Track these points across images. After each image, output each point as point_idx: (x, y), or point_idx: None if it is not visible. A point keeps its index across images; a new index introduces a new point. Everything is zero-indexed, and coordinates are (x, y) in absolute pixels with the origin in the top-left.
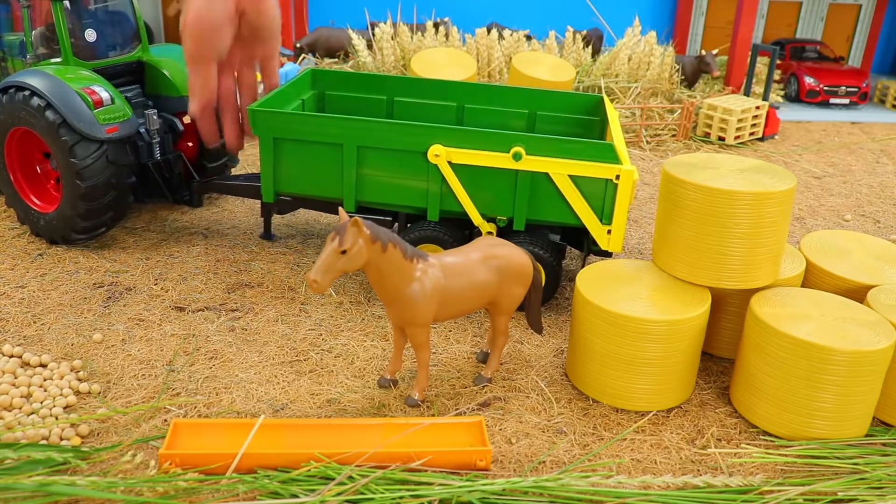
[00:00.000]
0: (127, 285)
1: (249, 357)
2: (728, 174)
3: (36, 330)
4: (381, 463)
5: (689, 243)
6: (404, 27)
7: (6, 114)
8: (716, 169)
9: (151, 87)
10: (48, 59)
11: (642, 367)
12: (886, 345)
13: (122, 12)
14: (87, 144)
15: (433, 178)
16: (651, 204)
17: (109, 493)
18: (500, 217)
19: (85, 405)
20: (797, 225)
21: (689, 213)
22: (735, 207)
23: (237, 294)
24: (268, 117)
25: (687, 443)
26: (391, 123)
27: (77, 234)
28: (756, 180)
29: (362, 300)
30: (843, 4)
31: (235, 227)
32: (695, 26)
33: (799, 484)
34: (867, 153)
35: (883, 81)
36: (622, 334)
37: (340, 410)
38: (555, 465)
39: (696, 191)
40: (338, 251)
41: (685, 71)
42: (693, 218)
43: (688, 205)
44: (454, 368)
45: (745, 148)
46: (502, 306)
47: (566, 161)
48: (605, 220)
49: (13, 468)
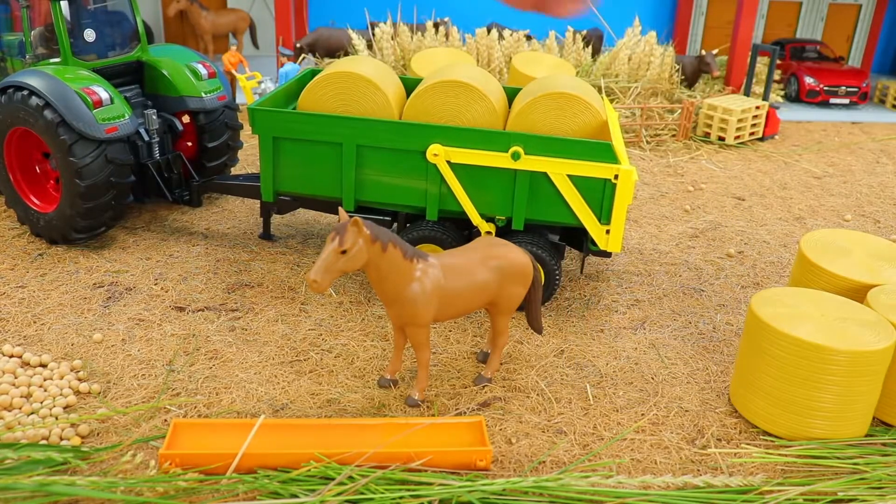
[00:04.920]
0: (127, 285)
1: (249, 357)
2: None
3: (36, 330)
4: (381, 463)
5: None
6: (404, 27)
7: (5, 114)
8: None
9: (151, 87)
10: (47, 59)
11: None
12: (886, 345)
13: (121, 12)
14: (85, 144)
15: (432, 178)
16: (651, 204)
17: (109, 494)
18: (498, 217)
19: (85, 405)
20: (797, 225)
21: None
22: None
23: (237, 294)
24: (267, 116)
25: (687, 443)
26: (390, 123)
27: (77, 233)
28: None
29: (362, 300)
30: (843, 4)
31: (235, 227)
32: (695, 26)
33: (799, 484)
34: (867, 153)
35: (883, 81)
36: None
37: (340, 410)
38: (555, 465)
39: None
40: (338, 251)
41: (685, 71)
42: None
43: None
44: (454, 368)
45: (746, 148)
46: (502, 306)
47: (565, 161)
48: (604, 220)
49: (13, 468)
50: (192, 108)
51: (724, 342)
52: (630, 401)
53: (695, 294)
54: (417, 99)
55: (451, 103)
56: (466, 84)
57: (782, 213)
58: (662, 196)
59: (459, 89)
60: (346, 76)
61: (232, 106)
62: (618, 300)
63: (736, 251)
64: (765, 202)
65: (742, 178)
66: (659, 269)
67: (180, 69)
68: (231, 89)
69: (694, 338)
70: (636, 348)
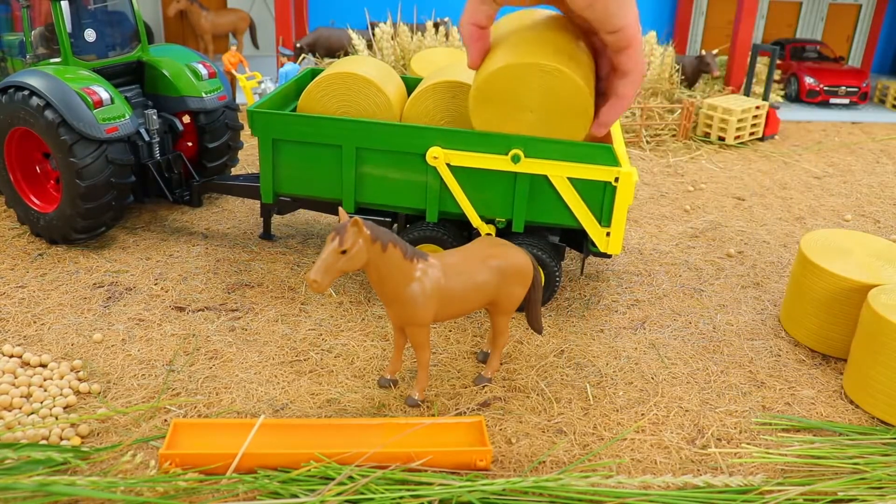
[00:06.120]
0: (127, 285)
1: (249, 357)
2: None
3: (36, 330)
4: (381, 463)
5: None
6: (404, 27)
7: (6, 114)
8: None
9: (151, 87)
10: (48, 59)
11: None
12: None
13: (121, 12)
14: (86, 144)
15: (432, 180)
16: (651, 204)
17: (109, 494)
18: (498, 219)
19: (85, 405)
20: (797, 225)
21: None
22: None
23: (237, 294)
24: (267, 118)
25: (687, 443)
26: (390, 125)
27: (77, 233)
28: None
29: (362, 300)
30: (843, 4)
31: (235, 227)
32: (695, 26)
33: (799, 484)
34: (867, 153)
35: (883, 81)
36: None
37: (340, 410)
38: (555, 465)
39: None
40: (338, 251)
41: (685, 71)
42: None
43: None
44: (454, 368)
45: (746, 148)
46: (502, 306)
47: (565, 163)
48: (604, 223)
49: (13, 468)
50: (193, 108)
51: (724, 342)
52: (630, 401)
53: (695, 294)
54: (417, 99)
55: (451, 103)
56: (467, 85)
57: (782, 213)
58: (662, 196)
59: (459, 90)
60: (347, 77)
61: (232, 106)
62: (618, 300)
63: (736, 251)
64: (765, 202)
65: (742, 178)
66: (659, 269)
67: (181, 69)
68: (231, 89)
69: (694, 338)
70: (636, 348)
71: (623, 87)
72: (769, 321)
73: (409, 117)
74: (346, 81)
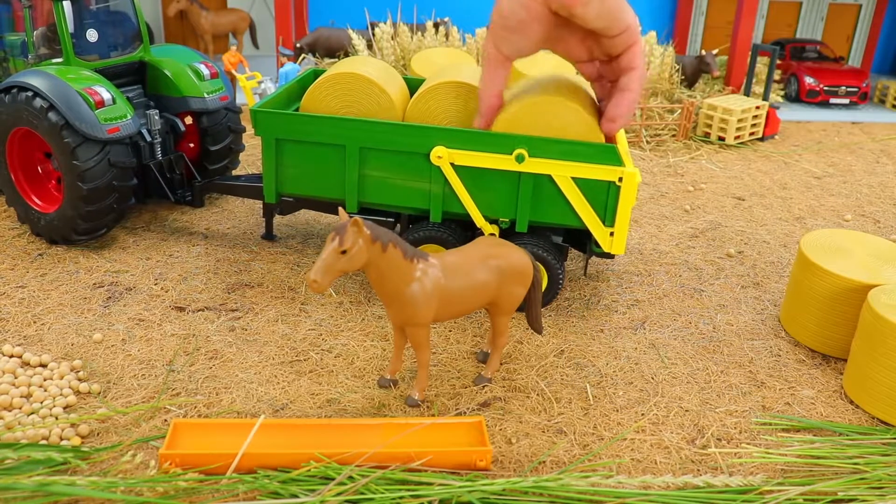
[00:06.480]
0: (127, 285)
1: (249, 357)
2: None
3: (36, 330)
4: (381, 463)
5: None
6: (404, 27)
7: (8, 114)
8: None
9: (153, 88)
10: (49, 60)
11: None
12: None
13: (123, 12)
14: (89, 147)
15: (436, 180)
16: (651, 204)
17: (109, 494)
18: (502, 219)
19: (85, 405)
20: (797, 225)
21: None
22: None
23: (237, 294)
24: (270, 118)
25: (687, 443)
26: (393, 125)
27: (78, 234)
28: None
29: (362, 300)
30: (843, 4)
31: (235, 227)
32: (695, 26)
33: (799, 484)
34: (867, 153)
35: (883, 81)
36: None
37: (340, 410)
38: (555, 465)
39: None
40: (338, 251)
41: (685, 71)
42: None
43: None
44: (454, 368)
45: (746, 148)
46: (502, 306)
47: (569, 163)
48: (608, 223)
49: (13, 468)
50: (195, 108)
51: (724, 342)
52: (630, 401)
53: (695, 294)
54: (420, 100)
55: (454, 104)
56: (470, 85)
57: (782, 213)
58: (662, 196)
59: (462, 90)
60: (350, 77)
61: (235, 109)
62: (618, 300)
63: (736, 251)
64: (765, 202)
65: (742, 178)
66: (659, 269)
67: (182, 69)
68: (231, 89)
69: (694, 338)
70: (636, 348)
71: (630, 81)
72: (769, 321)
73: (411, 118)
74: (348, 82)
